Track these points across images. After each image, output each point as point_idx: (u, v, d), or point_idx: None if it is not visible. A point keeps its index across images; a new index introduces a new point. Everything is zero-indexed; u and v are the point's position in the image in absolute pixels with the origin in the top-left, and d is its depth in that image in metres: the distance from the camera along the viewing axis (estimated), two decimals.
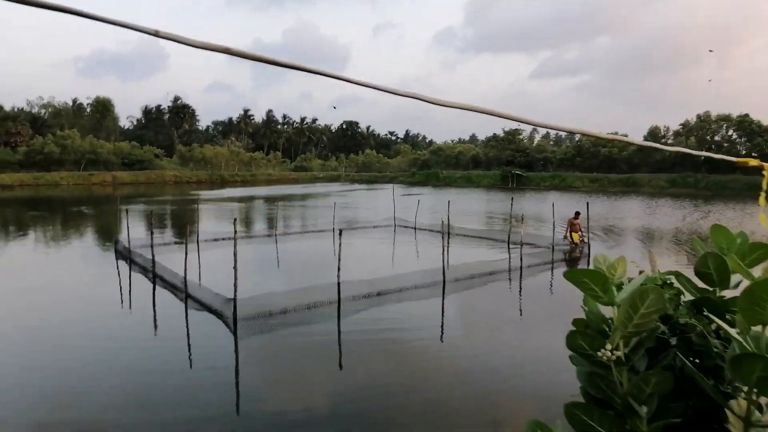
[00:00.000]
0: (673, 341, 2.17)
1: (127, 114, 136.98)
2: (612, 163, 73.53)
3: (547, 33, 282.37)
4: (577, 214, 21.22)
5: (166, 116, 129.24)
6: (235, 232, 11.63)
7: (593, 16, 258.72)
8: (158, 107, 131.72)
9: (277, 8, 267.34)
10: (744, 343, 1.86)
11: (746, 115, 66.28)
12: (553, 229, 21.88)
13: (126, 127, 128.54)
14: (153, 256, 15.32)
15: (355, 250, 21.04)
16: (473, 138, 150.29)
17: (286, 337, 10.78)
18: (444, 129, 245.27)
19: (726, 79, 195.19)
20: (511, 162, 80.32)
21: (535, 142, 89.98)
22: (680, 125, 71.70)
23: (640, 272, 2.60)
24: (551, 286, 15.91)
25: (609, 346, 2.14)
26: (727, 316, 2.15)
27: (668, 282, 2.54)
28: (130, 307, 12.93)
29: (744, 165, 1.97)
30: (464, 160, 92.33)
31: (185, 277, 13.16)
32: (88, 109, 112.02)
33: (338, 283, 12.47)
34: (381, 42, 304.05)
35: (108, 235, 25.84)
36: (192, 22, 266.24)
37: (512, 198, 24.19)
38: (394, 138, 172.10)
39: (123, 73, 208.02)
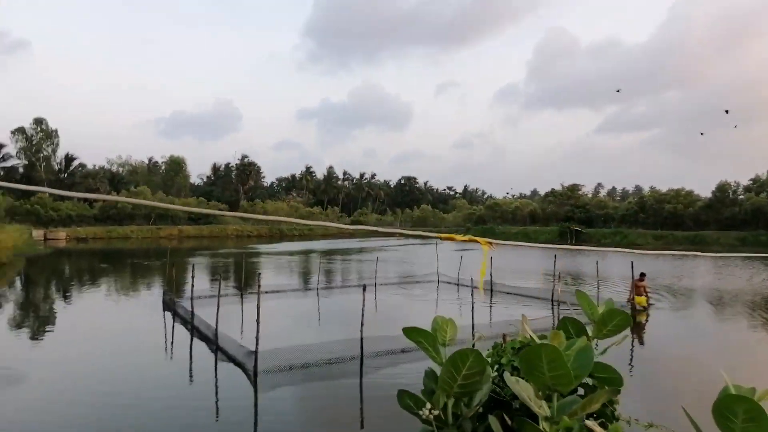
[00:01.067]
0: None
1: (200, 172, 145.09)
2: (678, 219, 70.35)
3: (613, 87, 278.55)
4: (642, 275, 19.98)
5: (234, 173, 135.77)
6: (259, 286, 12.03)
7: (663, 70, 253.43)
8: (227, 165, 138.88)
9: (345, 71, 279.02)
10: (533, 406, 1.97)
11: None
12: (598, 288, 21.11)
13: (197, 184, 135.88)
14: (192, 308, 15.97)
15: (389, 305, 21.09)
16: (534, 193, 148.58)
17: (308, 392, 10.89)
18: (504, 184, 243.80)
19: None
20: (570, 218, 78.40)
21: (597, 198, 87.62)
22: (750, 180, 68.17)
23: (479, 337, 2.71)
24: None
25: (429, 406, 2.26)
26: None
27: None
28: (171, 357, 13.49)
29: (450, 240, 2.16)
30: (521, 216, 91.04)
31: (216, 329, 13.62)
32: (163, 167, 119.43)
33: (361, 339, 12.54)
34: (443, 100, 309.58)
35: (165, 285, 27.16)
36: (265, 86, 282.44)
37: (555, 255, 23.58)
38: (452, 193, 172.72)
39: (199, 133, 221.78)
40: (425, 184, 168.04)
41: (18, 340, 15.90)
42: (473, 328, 14.51)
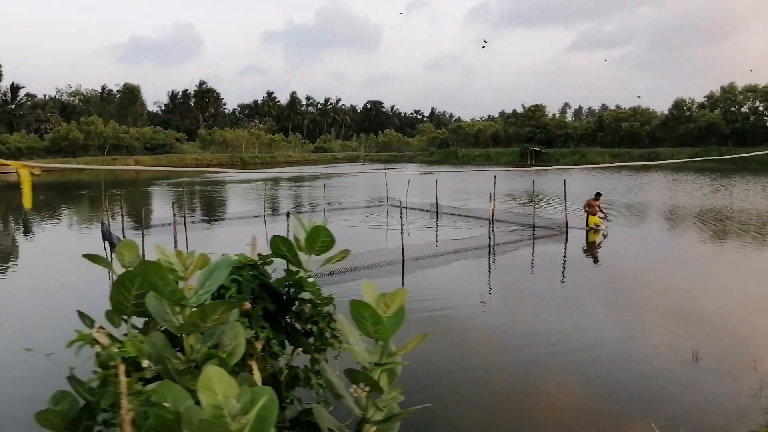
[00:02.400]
0: None
1: (163, 100, 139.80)
2: (634, 137, 71.49)
3: (585, 4, 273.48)
4: (598, 195, 20.07)
5: (192, 100, 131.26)
6: (174, 214, 11.87)
7: None
8: (184, 92, 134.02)
9: None
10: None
11: None
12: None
13: (155, 112, 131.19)
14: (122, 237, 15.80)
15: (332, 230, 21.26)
16: (503, 115, 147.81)
17: None
18: (474, 106, 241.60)
19: None
20: (532, 138, 78.87)
21: (557, 118, 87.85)
22: (705, 97, 69.01)
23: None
24: (492, 265, 15.76)
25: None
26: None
27: (263, 262, 2.64)
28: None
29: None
30: (484, 138, 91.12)
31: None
32: (117, 96, 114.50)
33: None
34: (414, 20, 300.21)
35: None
36: (226, 7, 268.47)
37: (495, 176, 23.78)
38: (419, 117, 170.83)
39: (160, 59, 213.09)
40: (392, 108, 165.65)
41: None
42: (403, 249, 14.73)
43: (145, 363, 1.46)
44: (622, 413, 6.86)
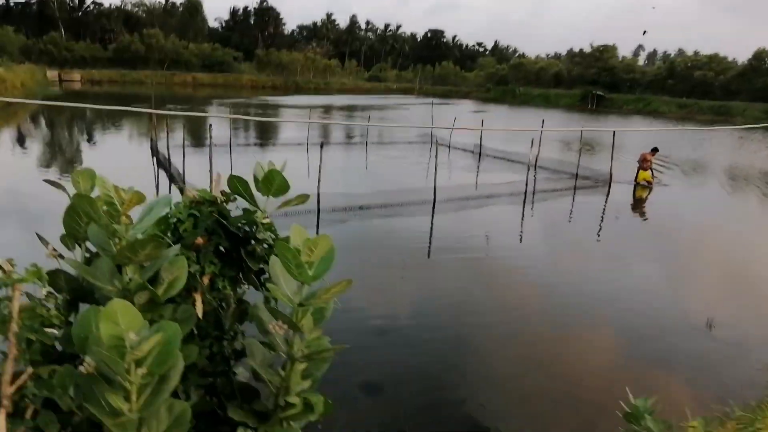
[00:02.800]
0: None
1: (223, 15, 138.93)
2: (707, 87, 66.79)
3: None
4: (654, 150, 19.11)
5: (252, 18, 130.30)
6: (211, 137, 12.21)
7: None
8: (245, 9, 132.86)
9: None
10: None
11: None
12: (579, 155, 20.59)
13: (215, 28, 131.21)
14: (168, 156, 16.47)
15: (370, 164, 21.41)
16: (569, 54, 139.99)
17: None
18: (543, 43, 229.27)
19: None
20: (596, 82, 74.99)
21: (625, 61, 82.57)
22: None
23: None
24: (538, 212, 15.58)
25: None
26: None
27: (225, 200, 2.79)
28: None
29: None
30: (546, 77, 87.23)
31: (183, 177, 14.16)
32: (180, 8, 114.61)
33: (317, 194, 12.95)
34: None
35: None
36: None
37: (542, 120, 23.03)
38: (482, 50, 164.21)
39: None
40: (453, 38, 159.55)
41: None
42: (435, 191, 14.75)
43: (43, 291, 1.65)
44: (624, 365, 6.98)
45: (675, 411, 3.89)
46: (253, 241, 2.54)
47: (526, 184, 16.89)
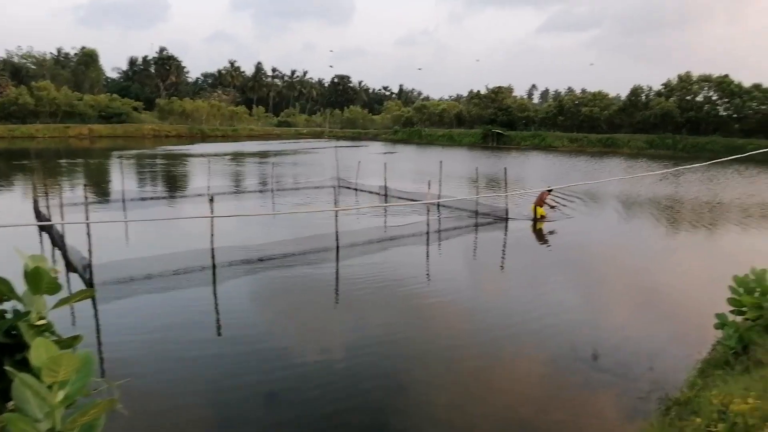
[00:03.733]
0: None
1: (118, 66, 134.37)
2: (593, 122, 72.56)
3: None
4: (549, 189, 20.31)
5: (152, 68, 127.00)
6: (86, 197, 11.49)
7: None
8: (144, 58, 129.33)
9: None
10: None
11: (726, 75, 65.02)
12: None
13: (113, 79, 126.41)
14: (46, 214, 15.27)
15: (274, 214, 21.03)
16: (471, 95, 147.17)
17: (151, 302, 10.76)
18: (444, 85, 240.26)
19: (734, 37, 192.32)
20: (494, 120, 79.28)
21: (519, 100, 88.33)
22: (662, 85, 70.31)
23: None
24: (434, 251, 15.88)
25: None
26: None
27: None
28: None
29: None
30: (448, 118, 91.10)
31: (62, 239, 13.15)
32: (74, 60, 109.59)
33: (212, 249, 12.44)
34: None
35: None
36: None
37: (440, 161, 23.80)
38: (388, 93, 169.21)
39: (124, 22, 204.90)
40: (360, 83, 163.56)
41: None
42: (337, 236, 14.62)
43: None
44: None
45: None
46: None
47: (428, 224, 17.24)
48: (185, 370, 7.97)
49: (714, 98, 66.09)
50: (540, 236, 18.35)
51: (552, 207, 20.64)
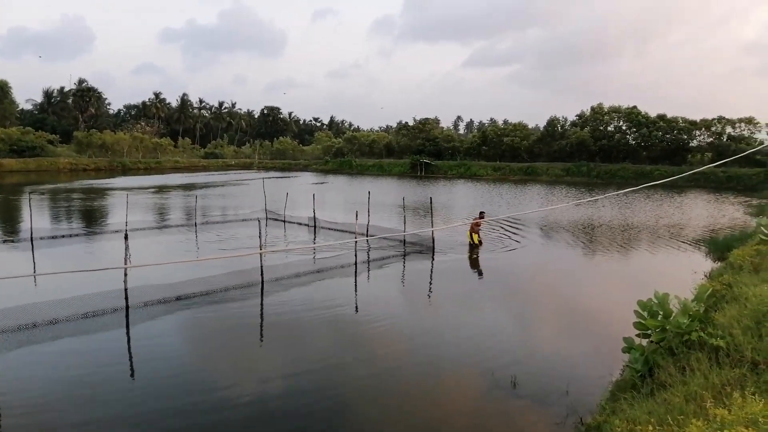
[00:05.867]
0: None
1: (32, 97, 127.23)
2: (514, 152, 75.82)
3: (481, 23, 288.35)
4: (482, 214, 20.80)
5: (71, 99, 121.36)
6: None
7: (527, 8, 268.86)
8: (61, 89, 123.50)
9: None
10: None
11: (634, 107, 70.12)
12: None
13: (29, 110, 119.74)
14: None
15: (200, 246, 20.34)
16: (400, 126, 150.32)
17: (58, 349, 9.96)
18: (375, 117, 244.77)
19: (643, 71, 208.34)
20: (422, 150, 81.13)
21: (446, 131, 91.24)
22: (576, 116, 74.82)
23: None
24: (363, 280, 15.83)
25: None
26: None
27: None
28: None
29: None
30: (378, 148, 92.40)
31: None
32: None
33: (125, 289, 11.78)
34: (320, 28, 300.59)
35: None
36: (122, 2, 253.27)
37: (369, 192, 23.96)
38: (318, 124, 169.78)
39: (45, 54, 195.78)
40: (290, 114, 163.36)
41: None
42: (261, 270, 14.25)
43: None
44: None
45: None
46: None
47: (356, 255, 17.19)
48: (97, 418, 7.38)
49: (624, 128, 70.90)
50: (473, 263, 18.55)
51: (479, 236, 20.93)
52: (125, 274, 11.79)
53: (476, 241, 20.37)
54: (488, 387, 8.47)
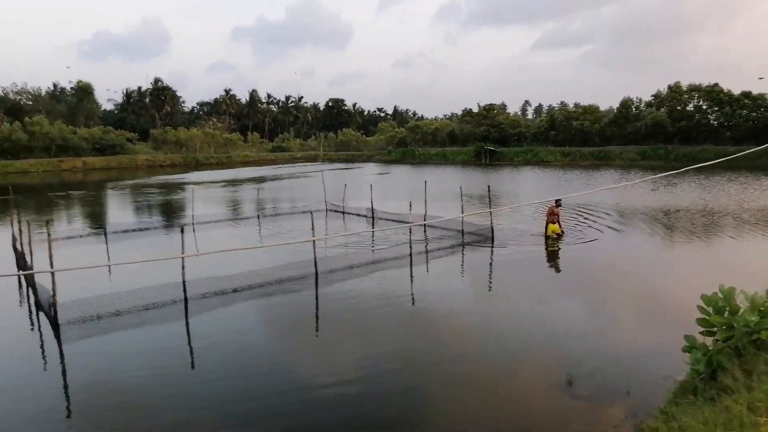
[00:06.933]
0: None
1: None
2: (585, 136, 72.72)
3: (551, 3, 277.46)
4: (558, 201, 18.86)
5: (148, 99, 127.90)
6: (49, 234, 11.22)
7: None
8: (139, 89, 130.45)
9: None
10: None
11: (716, 84, 65.41)
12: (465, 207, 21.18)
13: (109, 110, 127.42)
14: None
15: (263, 238, 20.79)
16: (464, 113, 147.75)
17: (119, 341, 10.38)
18: (441, 104, 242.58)
19: (725, 46, 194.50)
20: (486, 137, 79.45)
21: (511, 117, 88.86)
22: (652, 96, 70.64)
23: None
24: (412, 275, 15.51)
25: None
26: None
27: None
28: None
29: None
30: (441, 137, 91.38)
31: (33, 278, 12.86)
32: (71, 94, 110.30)
33: (183, 282, 12.14)
34: (385, 18, 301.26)
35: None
36: (196, 3, 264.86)
37: (425, 181, 23.57)
38: (382, 115, 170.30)
39: (126, 55, 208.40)
40: (354, 106, 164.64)
41: None
42: (315, 262, 14.33)
43: None
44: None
45: None
46: None
47: (410, 246, 16.94)
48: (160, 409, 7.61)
49: (704, 107, 66.36)
50: (550, 256, 17.40)
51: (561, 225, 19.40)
52: (182, 266, 12.14)
53: (556, 232, 18.81)
54: (546, 383, 8.05)
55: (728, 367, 5.12)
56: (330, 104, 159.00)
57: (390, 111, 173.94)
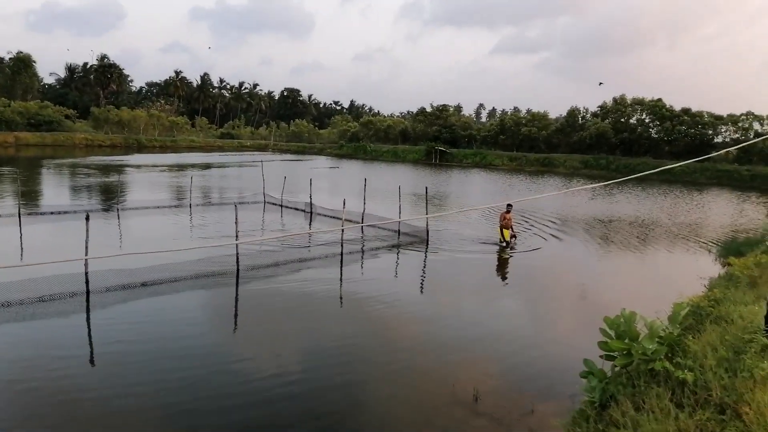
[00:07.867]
0: None
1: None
2: (532, 142, 74.13)
3: (510, 9, 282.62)
4: (509, 207, 18.64)
5: (92, 75, 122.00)
6: None
7: None
8: (85, 65, 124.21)
9: None
10: None
11: (659, 99, 67.80)
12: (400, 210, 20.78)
13: (50, 85, 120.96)
14: None
15: (194, 229, 19.82)
16: (417, 112, 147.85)
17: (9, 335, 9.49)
18: (398, 102, 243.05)
19: (673, 64, 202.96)
20: (438, 138, 79.80)
21: (462, 119, 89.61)
22: (598, 107, 72.65)
23: None
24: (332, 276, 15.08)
25: None
26: None
27: None
28: None
29: None
30: (393, 134, 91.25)
31: None
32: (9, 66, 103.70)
33: (86, 273, 11.26)
34: (348, 11, 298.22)
35: None
36: None
37: (363, 179, 23.13)
38: (338, 108, 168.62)
39: (76, 29, 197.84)
40: (309, 97, 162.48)
41: None
42: (237, 258, 13.64)
43: None
44: None
45: None
46: None
47: (342, 245, 16.47)
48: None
49: (647, 121, 68.68)
50: (501, 263, 17.23)
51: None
52: (86, 265, 11.27)
53: (508, 238, 18.65)
54: (447, 402, 7.71)
55: (620, 399, 4.88)
56: (285, 93, 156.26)
57: (346, 105, 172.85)
